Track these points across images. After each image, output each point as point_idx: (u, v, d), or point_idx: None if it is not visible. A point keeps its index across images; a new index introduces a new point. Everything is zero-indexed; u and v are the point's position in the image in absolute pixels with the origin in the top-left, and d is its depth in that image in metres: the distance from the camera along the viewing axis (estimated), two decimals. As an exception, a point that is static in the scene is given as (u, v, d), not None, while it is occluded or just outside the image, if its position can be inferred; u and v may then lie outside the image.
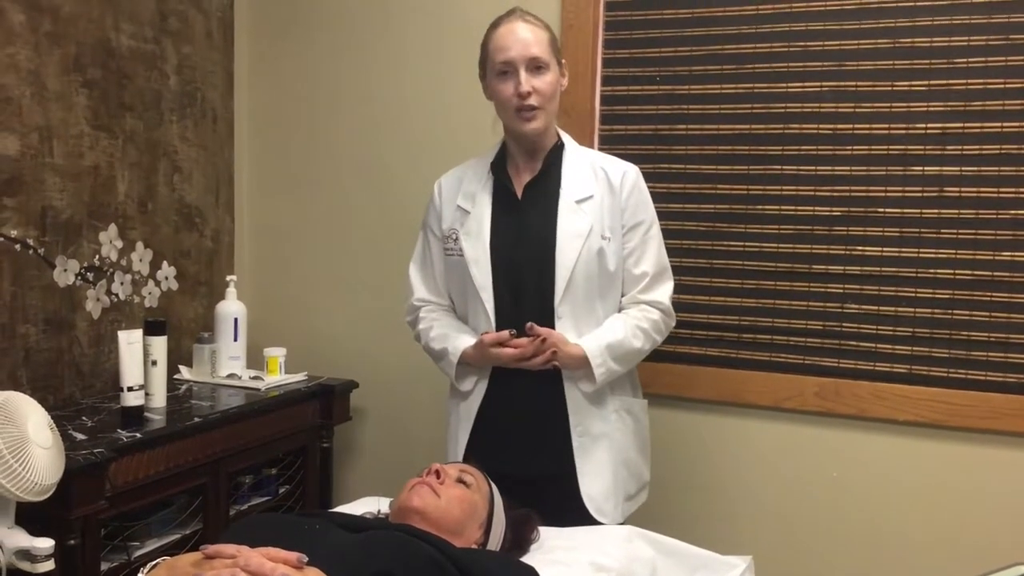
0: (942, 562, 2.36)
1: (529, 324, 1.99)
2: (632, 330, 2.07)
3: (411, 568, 1.44)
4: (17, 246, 2.37)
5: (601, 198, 2.09)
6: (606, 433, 2.10)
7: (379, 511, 1.91)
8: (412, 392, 2.91)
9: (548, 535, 1.90)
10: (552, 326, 2.04)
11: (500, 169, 2.15)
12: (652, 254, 2.13)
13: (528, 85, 2.01)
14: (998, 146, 2.29)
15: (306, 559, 1.35)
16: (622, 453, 2.13)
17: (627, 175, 2.12)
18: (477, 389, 2.13)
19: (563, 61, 2.13)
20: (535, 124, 2.05)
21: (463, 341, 2.10)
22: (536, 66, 2.03)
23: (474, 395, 2.13)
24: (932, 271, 2.36)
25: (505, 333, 2.00)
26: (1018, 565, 1.60)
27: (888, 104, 2.37)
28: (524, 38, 2.03)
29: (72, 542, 2.02)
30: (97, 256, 2.60)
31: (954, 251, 2.34)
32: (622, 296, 2.13)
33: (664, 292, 2.14)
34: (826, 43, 2.42)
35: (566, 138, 2.17)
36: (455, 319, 2.20)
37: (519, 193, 2.12)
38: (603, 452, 2.09)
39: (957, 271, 2.34)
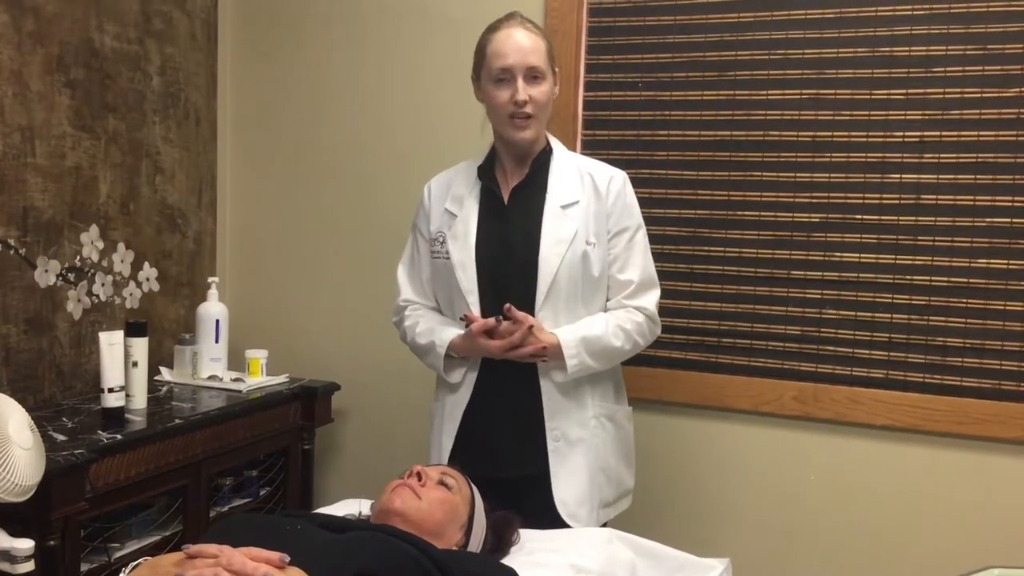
0: (917, 564, 2.38)
1: (507, 305, 1.99)
2: (613, 329, 2.07)
3: (393, 568, 1.45)
4: (-2, 246, 2.37)
5: (587, 203, 2.10)
6: (583, 439, 2.09)
7: (360, 513, 1.92)
8: (394, 394, 2.91)
9: (528, 537, 1.91)
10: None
11: (488, 174, 2.15)
12: (637, 261, 2.13)
13: (525, 94, 2.02)
14: (974, 155, 2.32)
15: (288, 559, 1.36)
16: (600, 460, 2.13)
17: (614, 180, 2.13)
18: (462, 394, 2.13)
19: (557, 70, 2.14)
20: (527, 133, 2.06)
21: (449, 332, 2.10)
22: (533, 75, 2.04)
23: (459, 398, 2.14)
24: (909, 277, 2.39)
25: (492, 320, 2.00)
26: (991, 568, 1.63)
27: (867, 112, 2.40)
28: (523, 46, 2.04)
29: (52, 543, 2.01)
30: (78, 257, 2.59)
31: (930, 258, 2.37)
32: (607, 302, 2.14)
33: (650, 299, 2.13)
34: (806, 51, 2.45)
35: (555, 143, 2.18)
36: (441, 316, 2.20)
37: (505, 198, 2.13)
38: (579, 458, 2.09)
39: (933, 278, 2.37)
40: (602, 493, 2.14)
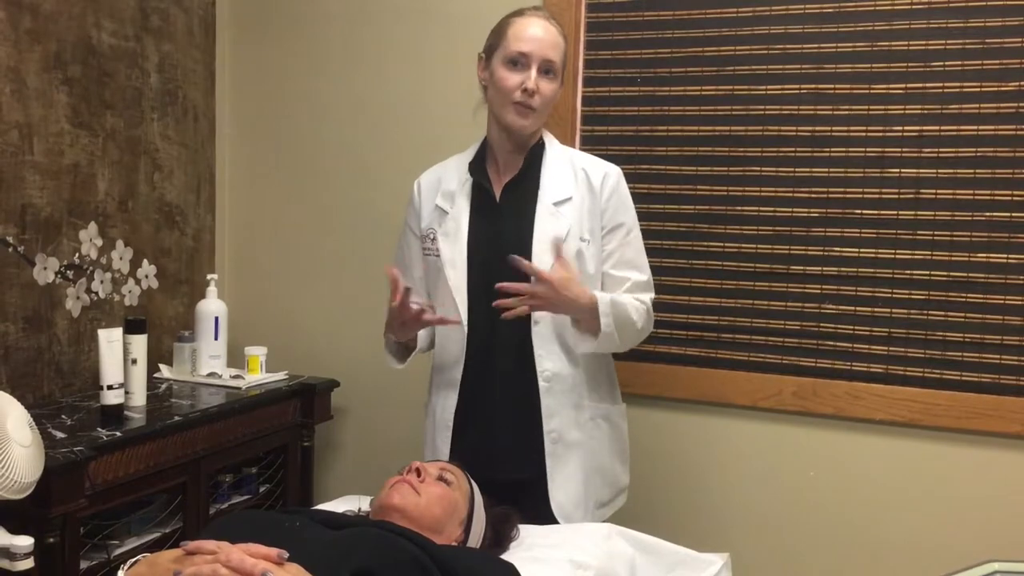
0: (917, 559, 2.38)
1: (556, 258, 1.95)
2: (632, 303, 2.05)
3: (392, 565, 1.45)
4: (-4, 244, 2.36)
5: (581, 200, 2.08)
6: (580, 441, 2.08)
7: (360, 509, 1.92)
8: (393, 391, 2.91)
9: (528, 533, 1.91)
10: (528, 330, 2.04)
11: (479, 169, 2.14)
12: (632, 257, 2.12)
13: (535, 84, 2.01)
14: (974, 149, 2.32)
15: (287, 555, 1.36)
16: (596, 461, 2.12)
17: (608, 176, 2.11)
18: (450, 396, 2.12)
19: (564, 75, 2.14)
20: (526, 122, 2.05)
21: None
22: (547, 69, 2.03)
23: (448, 401, 2.13)
24: (908, 272, 2.39)
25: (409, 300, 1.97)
26: (991, 562, 1.62)
27: (865, 107, 2.40)
28: (546, 38, 2.03)
29: (52, 540, 2.01)
30: (77, 254, 2.59)
31: (930, 252, 2.37)
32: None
33: (646, 298, 2.12)
34: (805, 46, 2.44)
35: (548, 138, 2.17)
36: None
37: (497, 195, 2.12)
38: (575, 460, 2.07)
39: (933, 272, 2.37)
40: (598, 494, 2.13)
